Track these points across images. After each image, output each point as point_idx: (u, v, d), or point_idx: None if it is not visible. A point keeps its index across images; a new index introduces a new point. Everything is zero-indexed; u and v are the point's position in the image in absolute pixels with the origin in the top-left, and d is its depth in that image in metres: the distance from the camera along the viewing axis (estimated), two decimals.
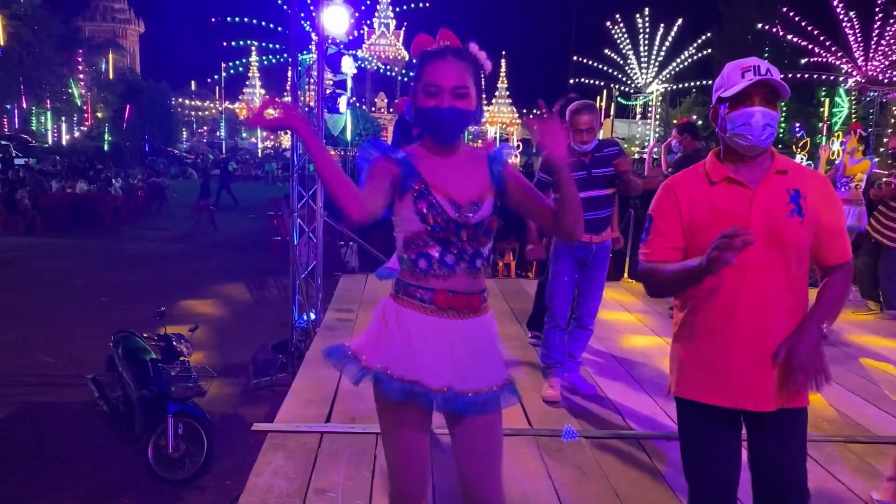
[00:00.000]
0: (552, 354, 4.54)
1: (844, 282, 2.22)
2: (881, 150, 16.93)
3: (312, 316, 6.93)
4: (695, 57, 39.08)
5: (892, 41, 27.59)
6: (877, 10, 27.34)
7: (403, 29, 55.01)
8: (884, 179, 7.28)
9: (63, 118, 42.23)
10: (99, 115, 43.85)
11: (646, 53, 41.30)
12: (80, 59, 41.26)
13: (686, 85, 39.79)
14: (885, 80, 28.04)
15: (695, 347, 2.21)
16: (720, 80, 2.19)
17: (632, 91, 42.65)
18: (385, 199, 2.07)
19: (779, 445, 2.18)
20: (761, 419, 2.17)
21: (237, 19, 30.83)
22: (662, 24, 40.33)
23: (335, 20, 7.01)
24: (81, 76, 42.02)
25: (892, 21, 27.12)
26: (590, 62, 40.41)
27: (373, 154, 2.11)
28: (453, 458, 2.21)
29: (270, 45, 37.82)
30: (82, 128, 44.11)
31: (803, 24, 28.92)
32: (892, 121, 26.87)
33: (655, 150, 7.23)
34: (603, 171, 4.37)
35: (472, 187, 2.11)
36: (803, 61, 29.42)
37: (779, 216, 2.11)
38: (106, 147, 39.47)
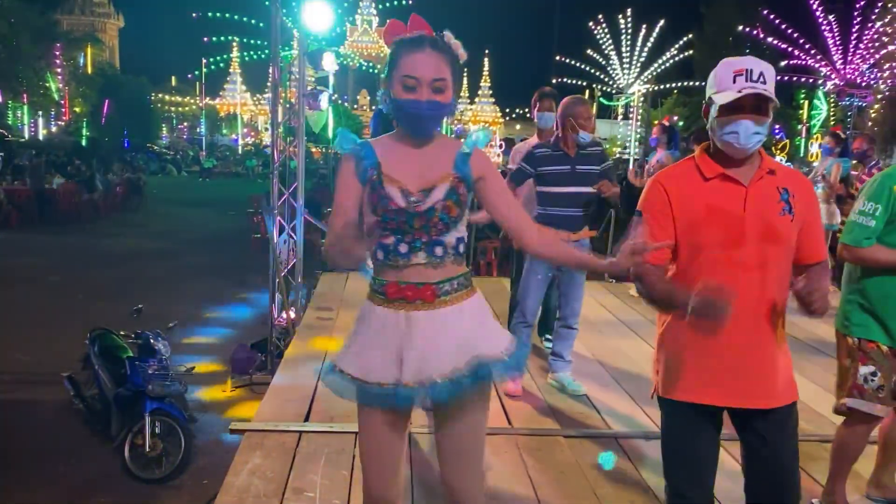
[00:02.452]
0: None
1: (826, 274, 2.28)
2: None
3: (292, 314, 6.89)
4: (676, 58, 39.36)
5: (869, 45, 27.97)
6: (855, 14, 27.72)
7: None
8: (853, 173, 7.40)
9: (40, 112, 41.69)
10: (77, 109, 43.37)
11: (628, 54, 41.52)
12: (57, 53, 40.75)
13: (668, 86, 40.06)
14: (863, 84, 28.42)
15: (685, 348, 2.19)
16: (713, 78, 2.18)
17: (614, 91, 42.86)
18: (357, 202, 2.11)
19: (777, 443, 2.19)
20: (754, 418, 2.18)
21: (218, 15, 30.66)
22: (644, 25, 40.58)
23: (317, 17, 6.97)
24: (59, 70, 41.51)
25: (869, 25, 27.50)
26: (572, 62, 40.58)
27: (341, 148, 2.13)
28: (430, 456, 2.21)
29: (252, 42, 37.68)
30: (60, 122, 43.59)
31: (783, 26, 29.26)
32: (869, 123, 27.22)
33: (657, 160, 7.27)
34: (587, 167, 4.37)
35: (428, 174, 2.07)
36: (783, 63, 29.75)
37: (772, 214, 2.13)
38: (84, 142, 39.03)
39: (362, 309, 2.18)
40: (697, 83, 37.95)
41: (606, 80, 42.44)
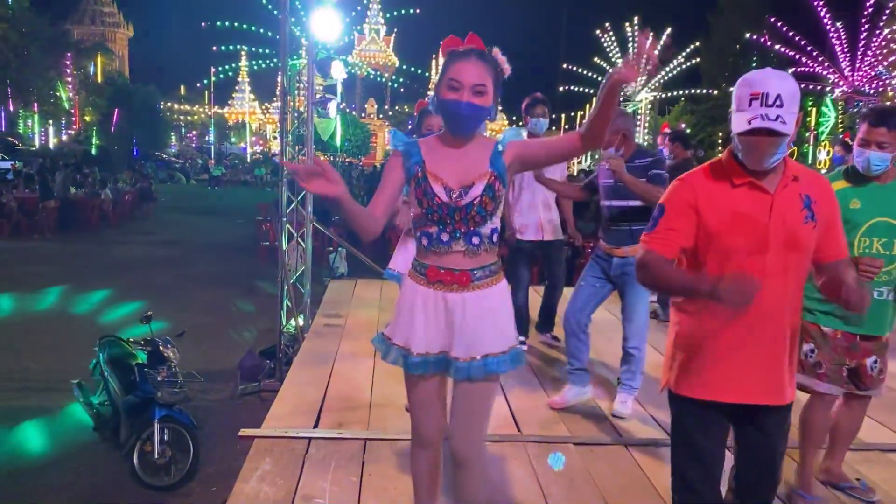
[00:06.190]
0: (569, 360, 4.47)
1: (850, 269, 2.32)
2: None
3: (301, 321, 6.89)
4: (683, 66, 39.34)
5: (877, 52, 27.91)
6: (863, 20, 27.66)
7: (394, 34, 55.10)
8: None
9: (51, 121, 41.98)
10: (87, 118, 43.64)
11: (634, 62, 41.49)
12: (68, 63, 41.04)
13: (675, 93, 40.03)
14: (871, 91, 28.34)
15: (701, 346, 2.26)
16: (734, 94, 2.19)
17: (621, 99, 42.85)
18: (394, 198, 2.41)
19: (776, 437, 2.32)
20: (756, 415, 2.26)
21: (227, 24, 30.85)
22: (651, 34, 40.58)
23: (325, 25, 7.00)
24: (69, 79, 41.80)
25: (877, 32, 27.45)
26: (579, 70, 40.60)
27: (394, 146, 2.42)
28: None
29: (260, 50, 37.91)
30: (70, 131, 43.86)
31: (790, 34, 29.21)
32: None
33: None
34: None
35: (468, 172, 2.35)
36: (790, 71, 29.65)
37: (795, 222, 2.19)
38: (94, 151, 39.25)
39: (405, 287, 2.49)
40: (705, 91, 37.97)
41: None
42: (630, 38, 40.77)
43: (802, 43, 29.37)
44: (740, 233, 2.17)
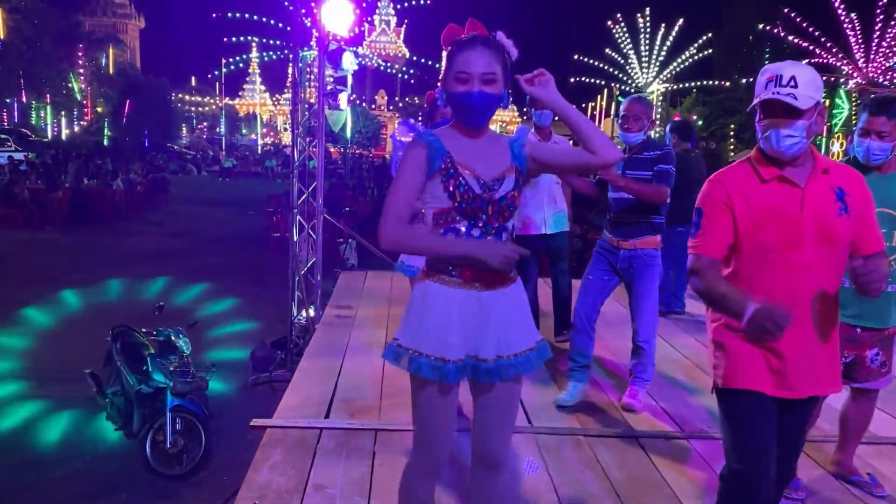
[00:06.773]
0: (572, 356, 4.40)
1: (884, 260, 2.32)
2: None
3: (312, 312, 6.92)
4: (695, 57, 39.07)
5: (892, 43, 27.63)
6: (878, 11, 27.39)
7: (404, 26, 55.01)
8: None
9: (63, 113, 42.15)
10: (99, 109, 43.81)
11: (646, 53, 41.28)
12: (80, 54, 41.19)
13: (687, 85, 39.78)
14: (886, 82, 28.08)
15: (745, 342, 2.26)
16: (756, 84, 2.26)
17: (633, 90, 42.61)
18: (417, 195, 2.23)
19: (800, 428, 2.37)
20: (795, 404, 2.29)
21: (238, 15, 30.88)
22: (663, 24, 40.32)
23: (337, 16, 6.99)
24: (81, 71, 41.95)
25: (892, 23, 27.16)
26: (590, 61, 40.43)
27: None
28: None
29: (271, 42, 37.93)
30: (82, 122, 44.05)
31: (804, 24, 28.96)
32: None
33: None
34: (637, 173, 4.12)
35: (495, 165, 2.25)
36: (804, 62, 29.44)
37: (828, 214, 2.20)
38: (105, 142, 39.41)
39: (431, 292, 2.26)
40: (717, 82, 37.72)
41: (625, 79, 42.23)
42: (642, 30, 40.57)
43: (816, 34, 29.13)
44: (774, 228, 2.18)
